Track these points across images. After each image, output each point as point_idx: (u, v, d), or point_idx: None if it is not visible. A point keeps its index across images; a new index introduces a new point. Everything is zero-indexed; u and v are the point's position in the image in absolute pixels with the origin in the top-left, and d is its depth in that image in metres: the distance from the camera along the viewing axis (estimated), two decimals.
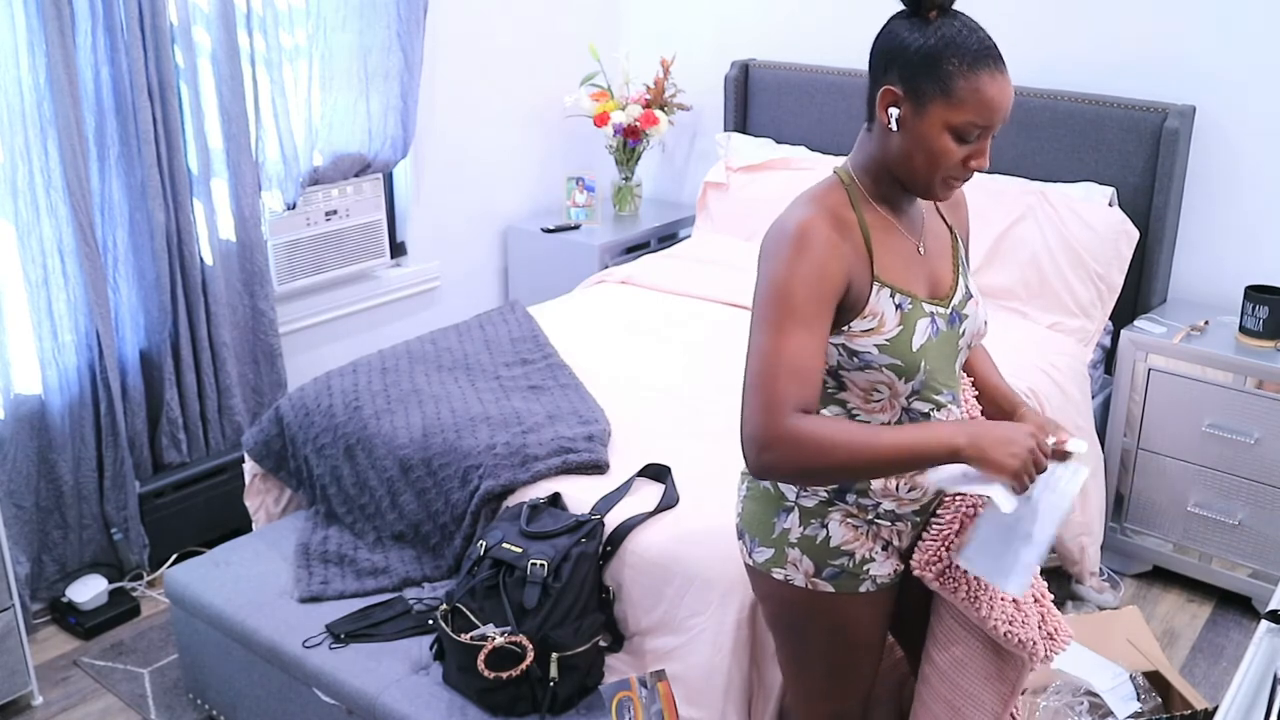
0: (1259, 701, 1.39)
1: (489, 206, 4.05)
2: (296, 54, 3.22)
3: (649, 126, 3.95)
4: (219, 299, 3.09)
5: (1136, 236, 3.11)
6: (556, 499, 2.27)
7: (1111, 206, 3.14)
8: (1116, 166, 3.18)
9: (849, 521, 1.63)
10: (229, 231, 3.13)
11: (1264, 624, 1.54)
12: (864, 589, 1.66)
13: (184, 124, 2.93)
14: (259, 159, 3.14)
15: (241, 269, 3.16)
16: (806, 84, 3.73)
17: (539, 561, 2.04)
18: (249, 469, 2.78)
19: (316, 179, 3.33)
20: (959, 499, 1.66)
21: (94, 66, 2.72)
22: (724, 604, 1.99)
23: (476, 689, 2.03)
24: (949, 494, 1.66)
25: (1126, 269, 3.12)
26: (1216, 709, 1.41)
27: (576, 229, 3.99)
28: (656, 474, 2.30)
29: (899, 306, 1.54)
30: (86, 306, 2.81)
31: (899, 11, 1.49)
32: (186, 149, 2.95)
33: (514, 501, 2.30)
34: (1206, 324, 3.05)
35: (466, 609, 2.07)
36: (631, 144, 4.05)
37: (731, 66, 3.89)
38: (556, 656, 2.01)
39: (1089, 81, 3.26)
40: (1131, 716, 2.26)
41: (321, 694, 2.19)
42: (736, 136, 3.85)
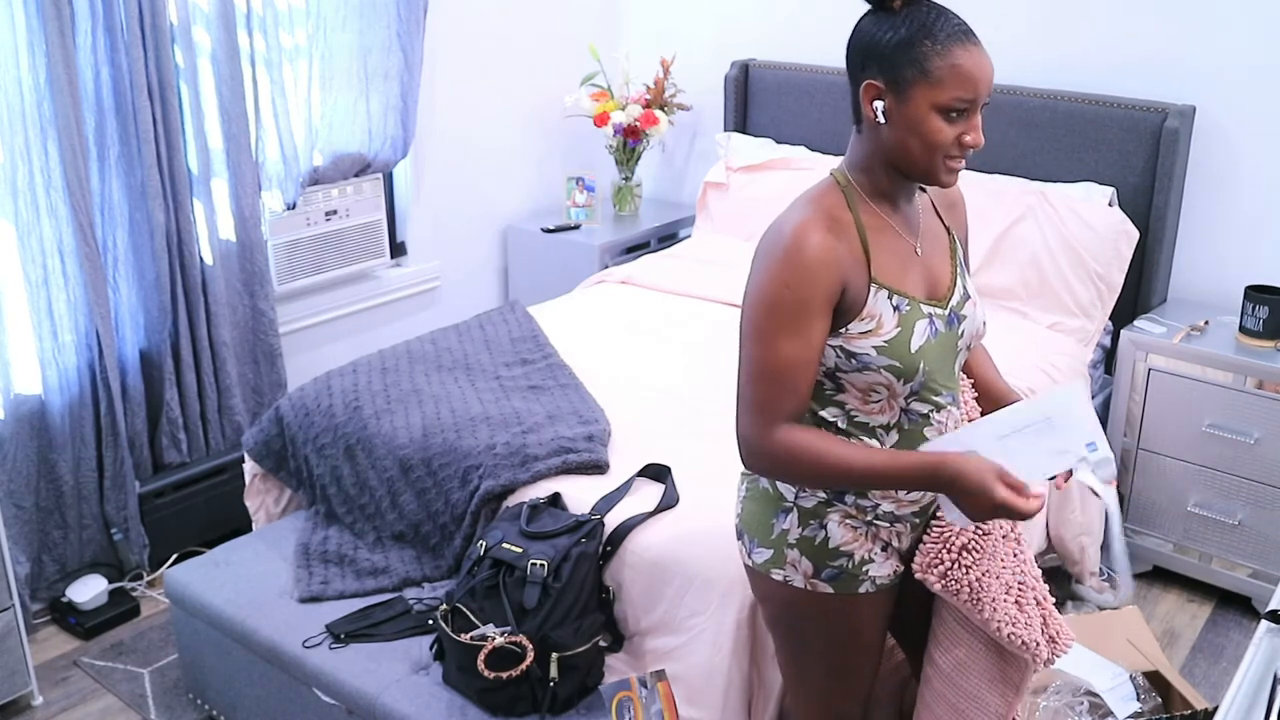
0: (1259, 701, 1.38)
1: (489, 206, 4.05)
2: (296, 54, 3.22)
3: (649, 126, 3.95)
4: (219, 299, 3.09)
5: (1136, 236, 3.11)
6: (556, 499, 2.27)
7: (1111, 206, 3.14)
8: (1116, 166, 3.18)
9: (848, 522, 1.63)
10: (229, 231, 3.13)
11: (1264, 624, 1.54)
12: (863, 590, 1.66)
13: (184, 124, 2.93)
14: (259, 159, 3.14)
15: (241, 269, 3.16)
16: (806, 84, 3.73)
17: (539, 561, 2.04)
18: (249, 469, 2.78)
19: (316, 179, 3.33)
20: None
21: (94, 66, 2.72)
22: (724, 604, 1.99)
23: (476, 689, 2.03)
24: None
25: (1126, 269, 3.12)
26: (1216, 709, 1.41)
27: (576, 229, 3.98)
28: (656, 474, 2.30)
29: (897, 308, 1.54)
30: (86, 306, 2.81)
31: (866, 11, 1.52)
32: (186, 149, 2.95)
33: (514, 501, 2.30)
34: (1206, 324, 3.05)
35: (466, 609, 2.07)
36: (631, 144, 4.05)
37: (731, 66, 3.89)
38: (556, 656, 2.01)
39: (1089, 81, 3.26)
40: (1131, 716, 2.26)
41: (321, 694, 2.19)
42: (736, 136, 3.85)
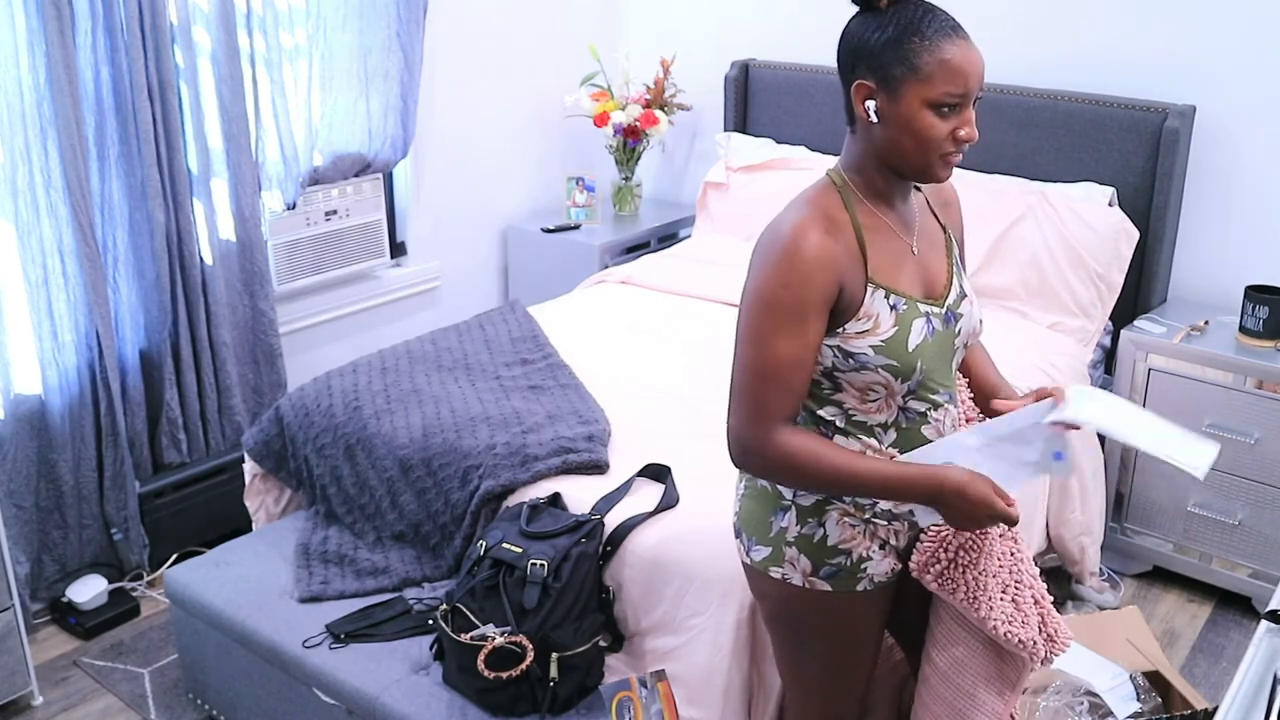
0: (1259, 701, 1.38)
1: (489, 206, 4.05)
2: (296, 54, 3.22)
3: (649, 126, 3.95)
4: (219, 299, 3.09)
5: (1136, 236, 3.10)
6: (556, 499, 2.27)
7: (1111, 206, 3.14)
8: (1116, 166, 3.18)
9: (846, 520, 1.63)
10: (229, 231, 3.13)
11: (1264, 624, 1.54)
12: (861, 588, 1.66)
13: (184, 124, 2.93)
14: (259, 159, 3.14)
15: (241, 269, 3.16)
16: (806, 84, 3.73)
17: (539, 561, 2.04)
18: (249, 469, 2.78)
19: (316, 179, 3.33)
20: None
21: (94, 66, 2.72)
22: (724, 604, 1.99)
23: (476, 689, 2.03)
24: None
25: (1126, 269, 3.12)
26: (1216, 709, 1.41)
27: (576, 229, 3.98)
28: (656, 474, 2.30)
29: (894, 307, 1.54)
30: (86, 306, 2.81)
31: (854, 14, 1.53)
32: (186, 149, 2.95)
33: (514, 501, 2.30)
34: (1206, 324, 3.05)
35: (466, 609, 2.07)
36: (631, 144, 4.05)
37: (731, 66, 3.89)
38: (556, 656, 2.01)
39: (1089, 81, 3.26)
40: (1131, 716, 2.26)
41: (321, 694, 2.19)
42: (736, 136, 3.85)
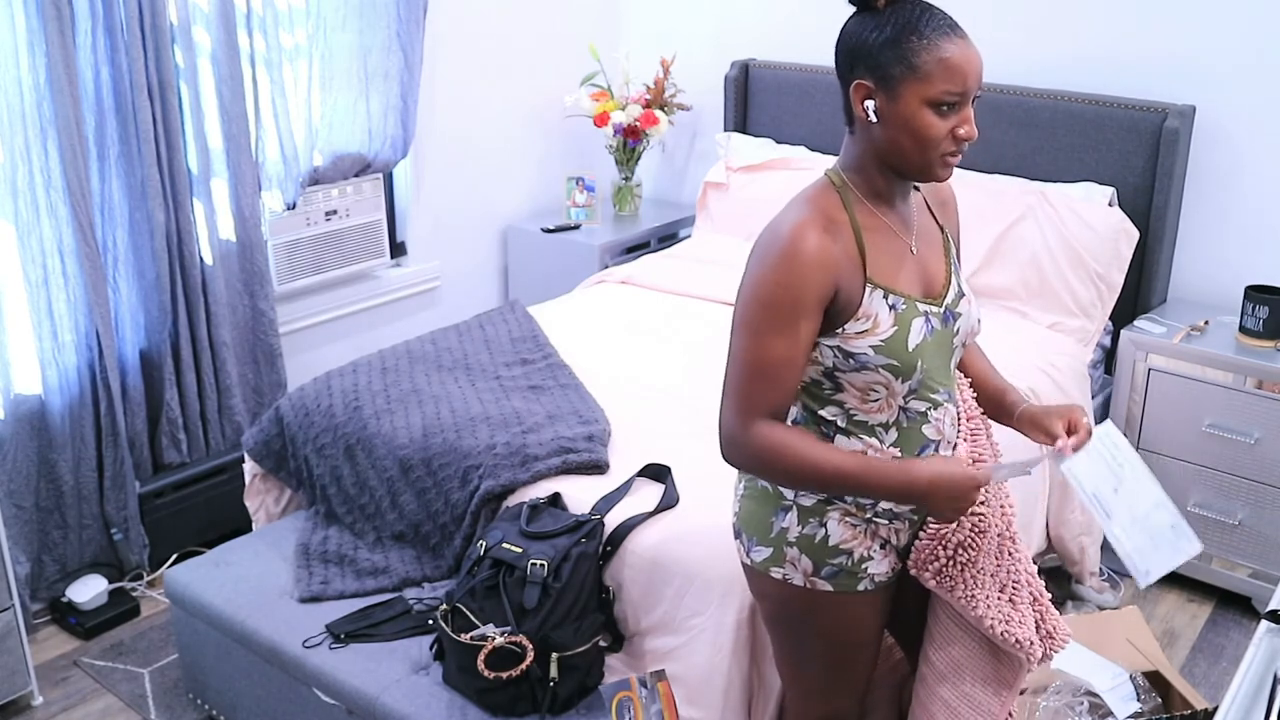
0: (1259, 701, 1.39)
1: (489, 206, 4.05)
2: (296, 54, 3.22)
3: (649, 126, 3.95)
4: (219, 299, 3.09)
5: (1136, 236, 3.10)
6: (556, 499, 2.27)
7: (1111, 206, 3.14)
8: (1116, 166, 3.18)
9: (847, 520, 1.63)
10: (229, 231, 3.13)
11: (1264, 624, 1.54)
12: (862, 588, 1.66)
13: (184, 124, 2.93)
14: (259, 159, 3.14)
15: (241, 269, 3.16)
16: (806, 84, 3.73)
17: (539, 561, 2.04)
18: (249, 469, 2.78)
19: (316, 179, 3.33)
20: None
21: (94, 66, 2.72)
22: (724, 604, 1.99)
23: (476, 689, 2.03)
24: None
25: (1126, 269, 3.12)
26: (1216, 709, 1.41)
27: (576, 229, 3.98)
28: (656, 474, 2.30)
29: (893, 307, 1.54)
30: (86, 306, 2.81)
31: (851, 14, 1.53)
32: (186, 149, 2.95)
33: (514, 501, 2.30)
34: (1206, 324, 3.05)
35: (466, 609, 2.07)
36: (631, 144, 4.05)
37: (731, 66, 3.89)
38: (556, 656, 2.01)
39: (1089, 81, 3.26)
40: (1131, 716, 2.26)
41: (321, 694, 2.19)
42: (736, 136, 3.85)
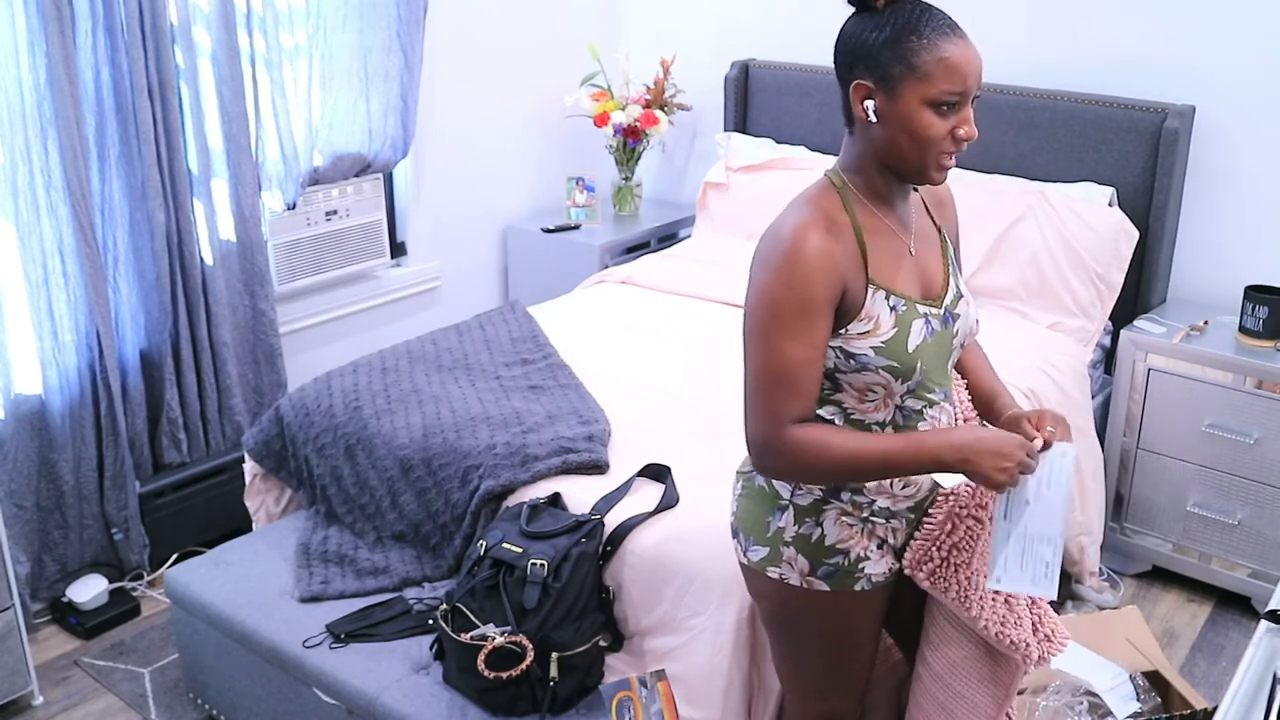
0: (1259, 701, 1.39)
1: (489, 206, 4.05)
2: (296, 54, 3.22)
3: (649, 126, 3.95)
4: (219, 299, 3.09)
5: (1136, 236, 3.11)
6: (556, 499, 2.27)
7: (1111, 206, 3.14)
8: (1116, 166, 3.18)
9: (844, 520, 1.63)
10: (229, 231, 3.13)
11: (1263, 624, 1.54)
12: (859, 587, 1.66)
13: (184, 124, 2.93)
14: (259, 159, 3.14)
15: (241, 269, 3.17)
16: (806, 84, 3.73)
17: (539, 561, 2.04)
18: (249, 469, 2.78)
19: (316, 179, 3.33)
20: (952, 499, 1.67)
21: (94, 66, 2.72)
22: (724, 604, 1.99)
23: (476, 689, 2.03)
24: (947, 488, 1.67)
25: (1126, 269, 3.12)
26: (1216, 709, 1.41)
27: (576, 229, 3.99)
28: (656, 474, 2.30)
29: (894, 308, 1.54)
30: (86, 306, 2.81)
31: (850, 14, 1.52)
32: (186, 149, 2.96)
33: (514, 501, 2.30)
34: (1206, 324, 3.05)
35: (466, 609, 2.07)
36: (631, 144, 4.05)
37: (731, 66, 3.89)
38: (556, 656, 2.01)
39: (1089, 81, 3.26)
40: (1131, 716, 2.26)
41: (321, 694, 2.19)
42: (736, 136, 3.85)
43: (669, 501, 2.20)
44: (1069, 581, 3.04)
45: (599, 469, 2.35)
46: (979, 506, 1.66)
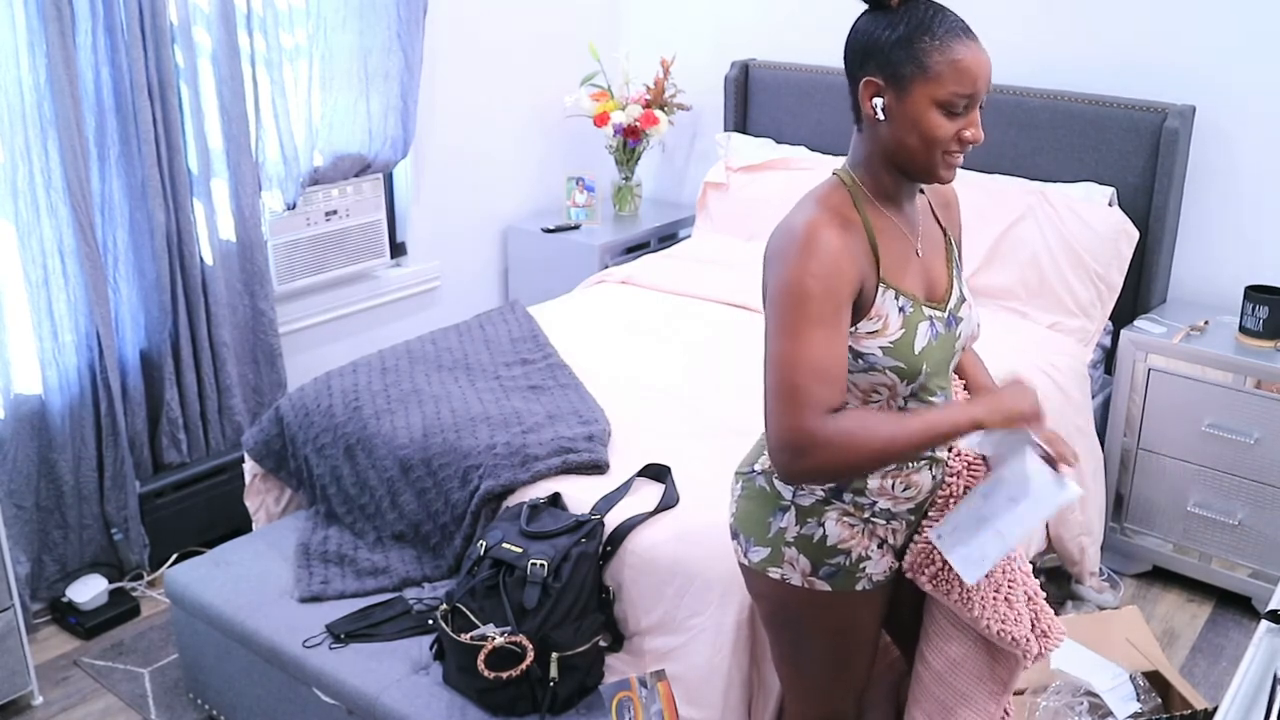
0: (1259, 701, 1.39)
1: (489, 206, 4.05)
2: (296, 54, 3.22)
3: (649, 126, 3.95)
4: (219, 299, 3.09)
5: (1136, 236, 3.11)
6: (556, 499, 2.27)
7: (1111, 206, 3.14)
8: (1116, 166, 3.18)
9: (845, 520, 1.63)
10: (229, 231, 3.13)
11: (1264, 624, 1.54)
12: (860, 587, 1.66)
13: (184, 124, 2.93)
14: (259, 159, 3.14)
15: (241, 269, 3.17)
16: (806, 84, 3.73)
17: (539, 561, 2.04)
18: (249, 469, 2.78)
19: (316, 179, 3.33)
20: (950, 500, 1.67)
21: (94, 66, 2.72)
22: (724, 604, 1.99)
23: (476, 689, 2.03)
24: (979, 455, 1.67)
25: (1126, 269, 3.12)
26: (1216, 709, 1.41)
27: (576, 229, 3.99)
28: (656, 474, 2.30)
29: (902, 309, 1.54)
30: (86, 306, 2.81)
31: (863, 11, 1.53)
32: (186, 149, 2.96)
33: (514, 501, 2.30)
34: (1206, 324, 3.05)
35: (466, 609, 2.07)
36: (631, 144, 4.05)
37: (731, 66, 3.89)
38: (556, 656, 2.01)
39: (1089, 81, 3.26)
40: (1131, 716, 2.26)
41: (321, 694, 2.19)
42: (736, 136, 3.85)
43: (669, 501, 2.20)
44: (1069, 581, 3.05)
45: (599, 469, 2.35)
46: None
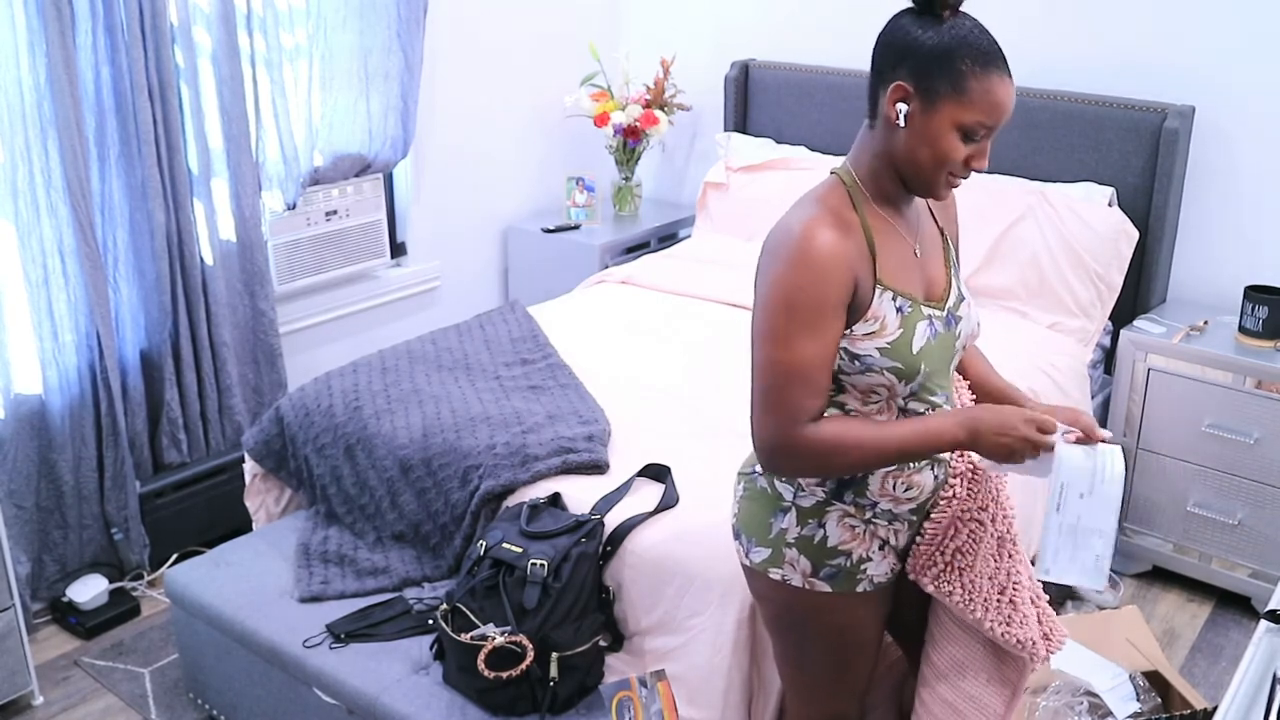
0: (1259, 701, 1.39)
1: (489, 206, 4.05)
2: (296, 54, 3.22)
3: (649, 126, 3.95)
4: (219, 299, 3.09)
5: (1136, 236, 3.11)
6: (556, 499, 2.27)
7: (1111, 206, 3.14)
8: (1116, 166, 3.18)
9: (846, 521, 1.63)
10: (229, 231, 3.13)
11: (1263, 624, 1.55)
12: (861, 588, 1.66)
13: (184, 124, 2.93)
14: (259, 159, 3.14)
15: (242, 269, 3.17)
16: (806, 84, 3.73)
17: (539, 561, 2.04)
18: (249, 469, 2.78)
19: (316, 179, 3.33)
20: (953, 502, 1.67)
21: (94, 66, 2.72)
22: (724, 604, 1.99)
23: (476, 689, 2.03)
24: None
25: (1126, 269, 3.12)
26: (1216, 709, 1.41)
27: (576, 229, 3.99)
28: (656, 474, 2.30)
29: (900, 309, 1.54)
30: (87, 306, 2.81)
31: (907, 9, 1.49)
32: (186, 149, 2.96)
33: (514, 501, 2.30)
34: (1206, 324, 3.05)
35: (466, 609, 2.07)
36: (631, 144, 4.05)
37: (731, 66, 3.89)
38: (556, 656, 2.01)
39: (1089, 81, 3.26)
40: (1131, 716, 2.26)
41: (321, 694, 2.19)
42: (736, 136, 3.85)
43: (669, 501, 2.20)
44: None
45: (599, 469, 2.35)
46: (980, 509, 1.67)
